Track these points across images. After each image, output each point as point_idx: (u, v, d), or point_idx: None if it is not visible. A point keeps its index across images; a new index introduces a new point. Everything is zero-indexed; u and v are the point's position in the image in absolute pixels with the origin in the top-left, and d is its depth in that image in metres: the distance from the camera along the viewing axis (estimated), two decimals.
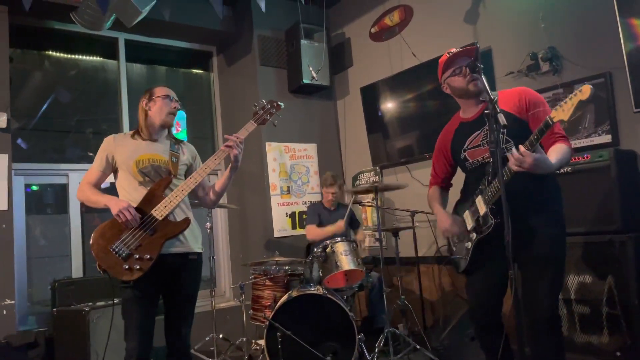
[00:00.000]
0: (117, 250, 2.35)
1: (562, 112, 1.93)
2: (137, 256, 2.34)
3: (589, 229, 3.03)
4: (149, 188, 2.48)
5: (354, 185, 5.13)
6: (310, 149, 5.27)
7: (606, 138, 3.27)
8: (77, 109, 4.88)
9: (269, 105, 2.68)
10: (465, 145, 2.38)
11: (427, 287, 4.37)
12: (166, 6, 4.47)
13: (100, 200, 2.46)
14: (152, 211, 2.41)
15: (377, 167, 4.96)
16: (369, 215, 5.07)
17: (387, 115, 4.79)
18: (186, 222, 2.47)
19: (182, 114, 5.57)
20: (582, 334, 3.01)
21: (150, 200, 2.45)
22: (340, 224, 4.01)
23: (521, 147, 1.98)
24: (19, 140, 4.56)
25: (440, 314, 4.26)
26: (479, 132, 2.32)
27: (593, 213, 3.04)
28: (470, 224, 2.35)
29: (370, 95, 4.93)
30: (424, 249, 4.37)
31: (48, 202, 4.79)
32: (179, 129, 5.54)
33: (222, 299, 5.12)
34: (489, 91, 2.00)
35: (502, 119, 1.87)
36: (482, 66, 2.16)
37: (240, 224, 5.20)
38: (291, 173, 5.10)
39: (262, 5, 2.86)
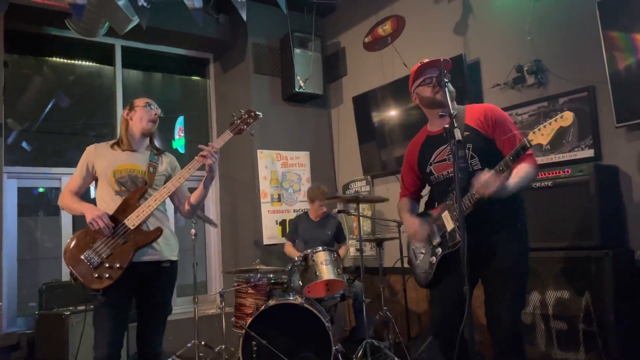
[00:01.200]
0: (88, 258, 2.39)
1: (542, 137, 1.92)
2: (108, 265, 2.37)
3: (568, 244, 3.00)
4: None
5: (344, 194, 5.13)
6: (303, 157, 5.28)
7: (589, 152, 3.24)
8: (73, 114, 4.95)
9: (246, 115, 2.69)
10: (432, 159, 2.38)
11: (413, 298, 4.34)
12: (163, 13, 4.53)
13: (77, 207, 2.51)
14: (125, 220, 2.44)
15: (368, 177, 4.97)
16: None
17: (379, 125, 4.79)
18: (157, 232, 2.49)
19: (181, 120, 5.63)
20: (559, 350, 2.98)
21: (125, 209, 2.47)
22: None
23: (486, 173, 1.97)
24: (23, 143, 4.65)
25: (425, 326, 4.24)
26: (445, 146, 2.32)
27: (572, 228, 3.02)
28: (437, 239, 2.34)
29: (362, 105, 4.94)
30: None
31: (41, 205, 4.85)
32: (181, 135, 5.61)
33: (212, 306, 5.12)
34: (451, 105, 2.00)
35: (457, 134, 1.87)
36: (448, 79, 2.15)
37: (231, 231, 5.22)
38: (282, 181, 5.11)
39: (244, 14, 2.90)
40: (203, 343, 3.98)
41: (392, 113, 4.65)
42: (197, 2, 2.83)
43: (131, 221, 2.43)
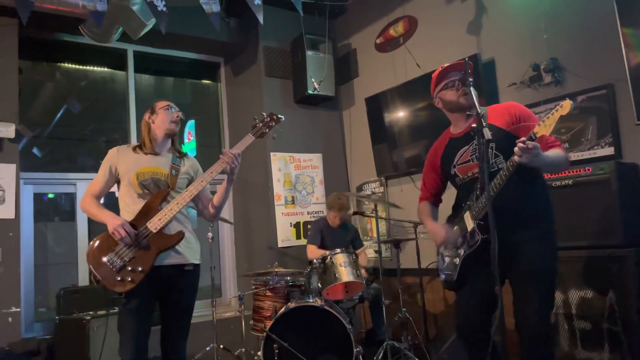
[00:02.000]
0: (111, 261, 2.39)
1: (545, 127, 1.95)
2: (130, 268, 2.37)
3: (590, 243, 2.97)
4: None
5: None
6: (316, 159, 5.28)
7: (609, 150, 3.22)
8: (86, 119, 4.98)
9: (268, 118, 2.67)
10: (455, 161, 2.37)
11: (430, 300, 4.33)
12: (174, 18, 4.54)
13: (99, 215, 2.50)
14: (147, 224, 2.44)
15: (382, 178, 4.96)
16: (373, 227, 5.06)
17: (392, 126, 4.78)
18: (179, 235, 2.49)
19: (191, 123, 5.64)
20: (583, 350, 2.95)
21: (147, 212, 2.48)
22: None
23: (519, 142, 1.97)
24: (34, 149, 4.67)
25: (443, 327, 4.22)
26: (467, 147, 2.31)
27: (594, 227, 2.99)
28: (459, 240, 2.33)
29: (375, 106, 4.93)
30: (427, 261, 4.33)
31: (56, 210, 4.87)
32: (190, 138, 5.62)
33: (228, 309, 5.13)
34: (478, 106, 2.00)
35: (487, 133, 1.86)
36: (472, 80, 2.15)
37: (245, 234, 5.23)
38: (296, 183, 5.11)
39: (261, 18, 2.90)
40: (222, 346, 3.97)
41: (405, 114, 4.64)
42: (214, 7, 2.83)
43: (153, 224, 2.43)
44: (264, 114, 2.68)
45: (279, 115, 2.66)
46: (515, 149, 1.96)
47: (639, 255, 2.79)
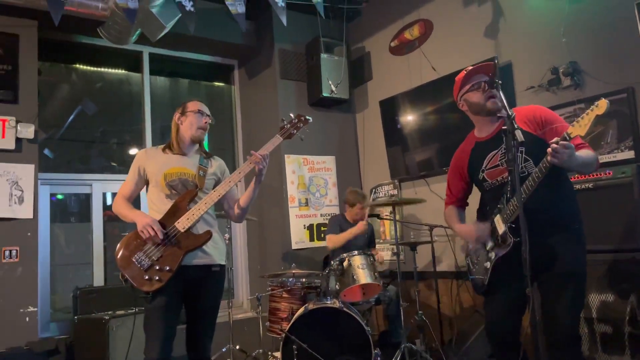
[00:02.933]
0: (139, 260, 2.40)
1: (580, 128, 1.93)
2: (158, 267, 2.39)
3: (612, 246, 2.97)
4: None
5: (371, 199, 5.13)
6: (329, 161, 5.29)
7: (629, 154, 3.22)
8: (102, 120, 5.00)
9: (296, 120, 2.68)
10: (484, 166, 2.36)
11: (445, 303, 4.32)
12: (190, 20, 4.57)
13: (129, 215, 2.53)
14: (175, 223, 2.46)
15: (396, 181, 4.96)
16: (387, 229, 5.06)
17: (406, 129, 4.79)
18: (207, 235, 2.50)
19: None
20: (604, 353, 2.95)
21: (175, 212, 2.49)
22: (360, 225, 3.99)
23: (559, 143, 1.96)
24: (46, 150, 4.69)
25: (459, 330, 4.21)
26: (496, 151, 2.30)
27: (615, 230, 2.99)
28: (489, 244, 2.33)
29: (389, 109, 4.94)
30: (442, 264, 4.33)
31: (72, 211, 4.90)
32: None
33: (240, 310, 5.14)
34: (507, 107, 2.00)
35: (519, 135, 1.86)
36: (500, 82, 2.15)
37: (259, 236, 5.24)
38: (309, 185, 5.12)
39: (284, 19, 2.91)
40: (238, 348, 3.98)
41: (420, 117, 4.65)
42: (240, 8, 2.85)
43: (181, 224, 2.44)
44: (292, 115, 2.69)
45: (307, 117, 2.66)
46: (549, 149, 1.95)
47: None
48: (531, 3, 3.80)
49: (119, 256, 2.40)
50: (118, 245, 2.43)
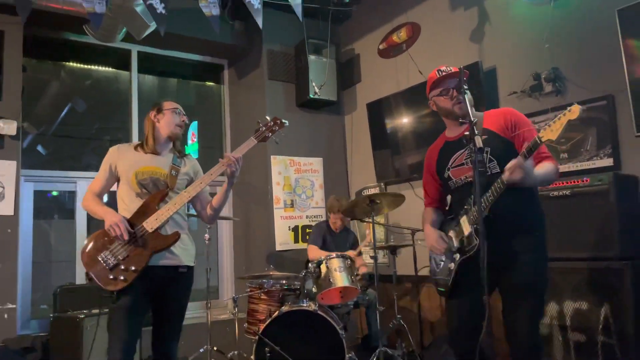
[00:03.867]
0: (104, 259, 2.39)
1: (551, 132, 1.92)
2: (123, 267, 2.38)
3: (587, 254, 2.95)
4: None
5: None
6: (316, 163, 5.28)
7: (608, 161, 3.20)
8: (89, 118, 5.01)
9: (272, 123, 2.67)
10: (449, 164, 2.37)
11: (426, 307, 4.31)
12: (178, 19, 4.58)
13: (99, 212, 2.52)
14: (143, 223, 2.45)
15: (382, 183, 4.95)
16: (371, 232, 5.03)
17: (393, 132, 4.78)
18: (175, 236, 2.49)
19: (195, 125, 5.66)
20: None
21: (144, 212, 2.48)
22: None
23: (515, 160, 1.97)
24: (39, 147, 4.70)
25: (438, 334, 4.20)
26: (462, 150, 2.31)
27: (591, 238, 2.97)
28: (455, 244, 2.33)
29: (377, 111, 4.93)
30: (424, 268, 4.31)
31: (56, 208, 4.90)
32: (194, 140, 5.63)
33: (224, 311, 5.13)
34: (471, 113, 1.99)
35: (479, 141, 1.86)
36: (467, 88, 2.14)
37: (244, 237, 5.23)
38: (295, 187, 5.11)
39: (260, 21, 2.91)
40: (215, 349, 3.97)
41: (407, 120, 4.64)
42: (214, 10, 2.85)
43: (149, 224, 2.43)
44: (268, 117, 2.68)
45: (283, 120, 2.66)
46: (506, 168, 1.96)
47: (636, 268, 2.78)
48: (516, 9, 3.79)
49: (84, 254, 2.39)
50: (85, 243, 2.43)
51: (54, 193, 4.80)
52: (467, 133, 1.94)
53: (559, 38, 3.50)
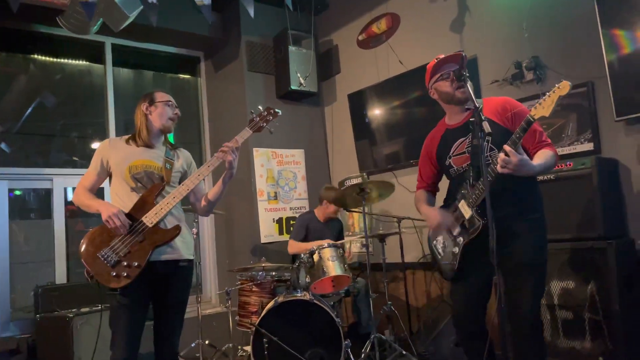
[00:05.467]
0: (105, 257, 2.34)
1: (542, 109, 1.97)
2: (125, 263, 2.33)
3: (572, 235, 3.07)
4: (141, 194, 2.46)
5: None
6: (298, 154, 5.28)
7: (588, 146, 3.33)
8: (63, 113, 4.84)
9: (265, 112, 2.66)
10: (451, 152, 2.41)
11: (413, 293, 4.39)
12: (154, 11, 4.47)
13: (93, 205, 2.45)
14: (143, 218, 2.40)
15: (364, 173, 4.99)
16: (355, 222, 5.09)
17: (374, 122, 4.82)
18: (176, 230, 2.46)
19: None
20: (565, 339, 3.05)
21: (142, 206, 2.43)
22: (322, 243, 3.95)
23: (506, 147, 2.00)
24: (3, 145, 4.51)
25: (427, 320, 4.29)
26: (464, 139, 2.35)
27: (576, 220, 3.09)
28: (456, 229, 2.37)
29: (358, 102, 4.96)
30: (410, 255, 4.39)
31: (32, 207, 4.73)
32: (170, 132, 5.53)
33: (208, 305, 5.09)
34: (474, 99, 2.03)
35: (486, 126, 1.90)
36: (468, 74, 2.19)
37: (227, 230, 5.19)
38: (278, 179, 5.10)
39: (251, 11, 2.87)
40: (207, 342, 3.94)
41: (387, 110, 4.69)
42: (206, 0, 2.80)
43: (149, 219, 2.39)
44: (261, 108, 2.67)
45: (277, 110, 2.65)
46: (499, 158, 1.99)
47: (619, 246, 2.91)
48: None
49: (84, 253, 2.33)
50: (82, 241, 2.36)
51: (17, 192, 4.61)
52: (472, 119, 1.98)
53: (538, 27, 3.60)
